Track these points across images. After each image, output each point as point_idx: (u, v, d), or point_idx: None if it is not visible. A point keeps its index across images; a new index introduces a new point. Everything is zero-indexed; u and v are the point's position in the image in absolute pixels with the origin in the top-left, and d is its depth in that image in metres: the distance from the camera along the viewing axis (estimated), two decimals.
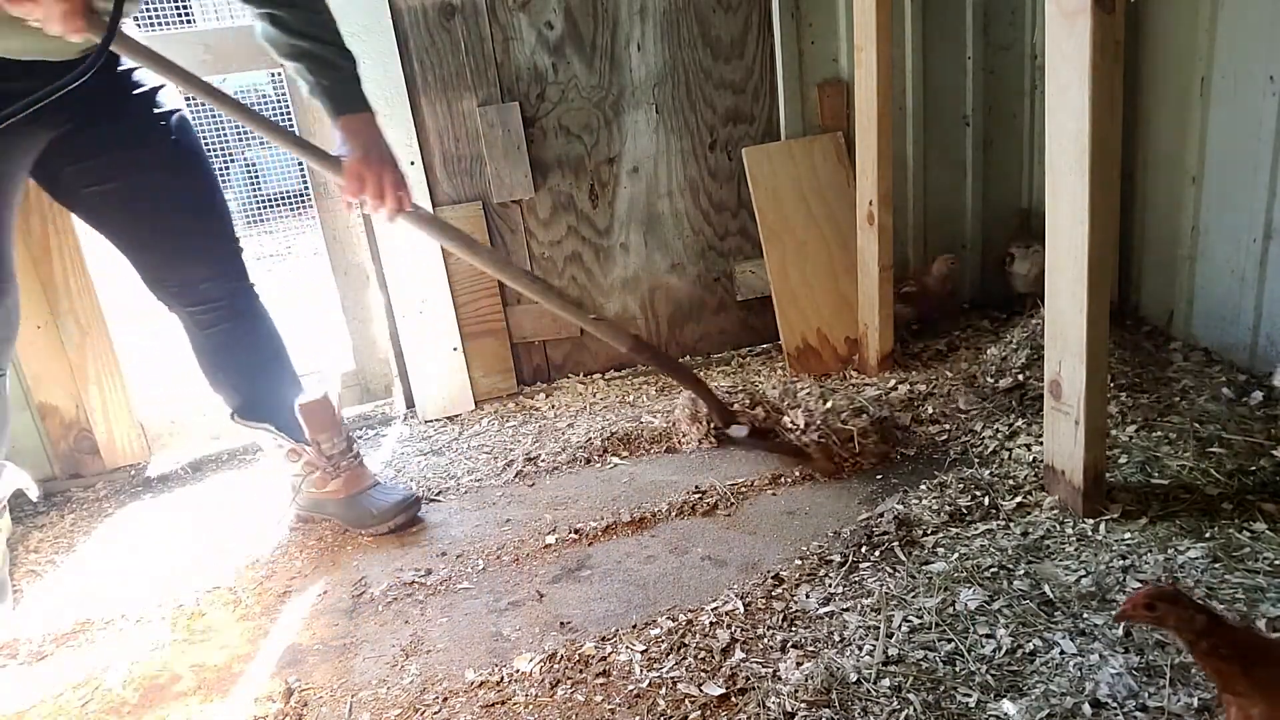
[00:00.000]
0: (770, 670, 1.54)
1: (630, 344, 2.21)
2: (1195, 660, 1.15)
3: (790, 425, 2.24)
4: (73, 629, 1.94)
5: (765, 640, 1.63)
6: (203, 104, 2.02)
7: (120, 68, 1.90)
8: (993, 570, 1.71)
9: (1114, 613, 1.10)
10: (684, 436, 2.43)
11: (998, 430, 2.24)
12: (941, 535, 1.87)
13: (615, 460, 2.42)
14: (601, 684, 1.58)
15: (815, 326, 2.79)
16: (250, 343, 2.15)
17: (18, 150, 1.80)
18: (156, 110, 1.94)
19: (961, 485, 2.03)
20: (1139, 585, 1.61)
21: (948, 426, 2.32)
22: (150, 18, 2.61)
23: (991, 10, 2.82)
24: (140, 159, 1.91)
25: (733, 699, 1.49)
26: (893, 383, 2.58)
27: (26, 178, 1.87)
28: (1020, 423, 2.23)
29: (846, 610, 1.67)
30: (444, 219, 1.95)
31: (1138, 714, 1.34)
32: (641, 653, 1.64)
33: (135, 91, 1.91)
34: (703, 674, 1.56)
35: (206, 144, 2.05)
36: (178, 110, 1.97)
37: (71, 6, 1.55)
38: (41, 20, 1.56)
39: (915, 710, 1.40)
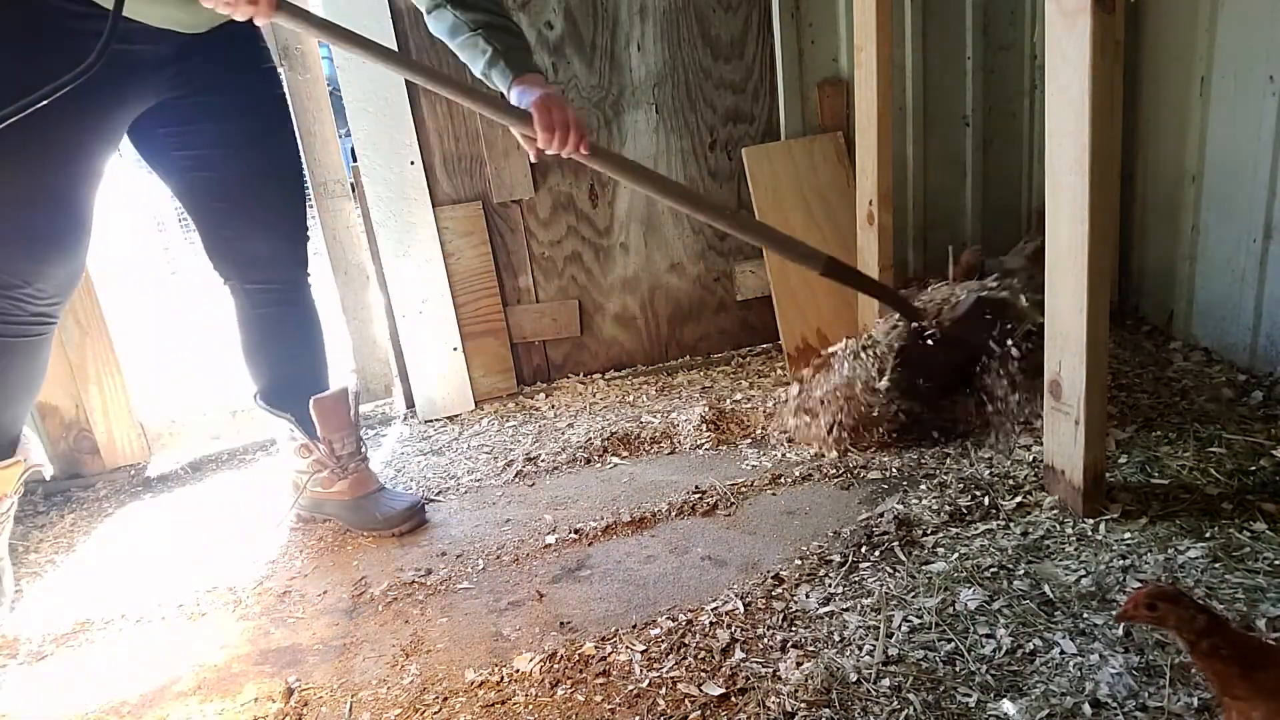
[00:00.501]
0: (770, 670, 1.54)
1: (824, 263, 2.09)
2: (1195, 661, 1.14)
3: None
4: (73, 629, 1.94)
5: (765, 640, 1.63)
6: None
7: (243, 35, 1.88)
8: (993, 570, 1.71)
9: (1115, 613, 1.10)
10: (806, 435, 2.29)
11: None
12: (941, 535, 1.87)
13: (615, 460, 2.42)
14: (601, 684, 1.58)
15: (815, 326, 2.79)
16: (295, 331, 2.16)
17: (123, 108, 1.79)
18: (269, 88, 1.96)
19: (961, 485, 2.03)
20: (1139, 585, 1.61)
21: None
22: None
23: (991, 10, 2.82)
24: (239, 133, 1.91)
25: (733, 699, 1.49)
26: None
27: (122, 134, 1.85)
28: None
29: (846, 610, 1.67)
30: (626, 157, 1.94)
31: (1138, 714, 1.34)
32: (641, 652, 1.64)
33: (251, 66, 1.91)
34: (703, 674, 1.56)
35: None
36: (282, 90, 1.98)
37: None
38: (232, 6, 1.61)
39: (915, 710, 1.40)
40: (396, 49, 2.48)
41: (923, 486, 2.07)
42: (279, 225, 2.05)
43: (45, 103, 1.58)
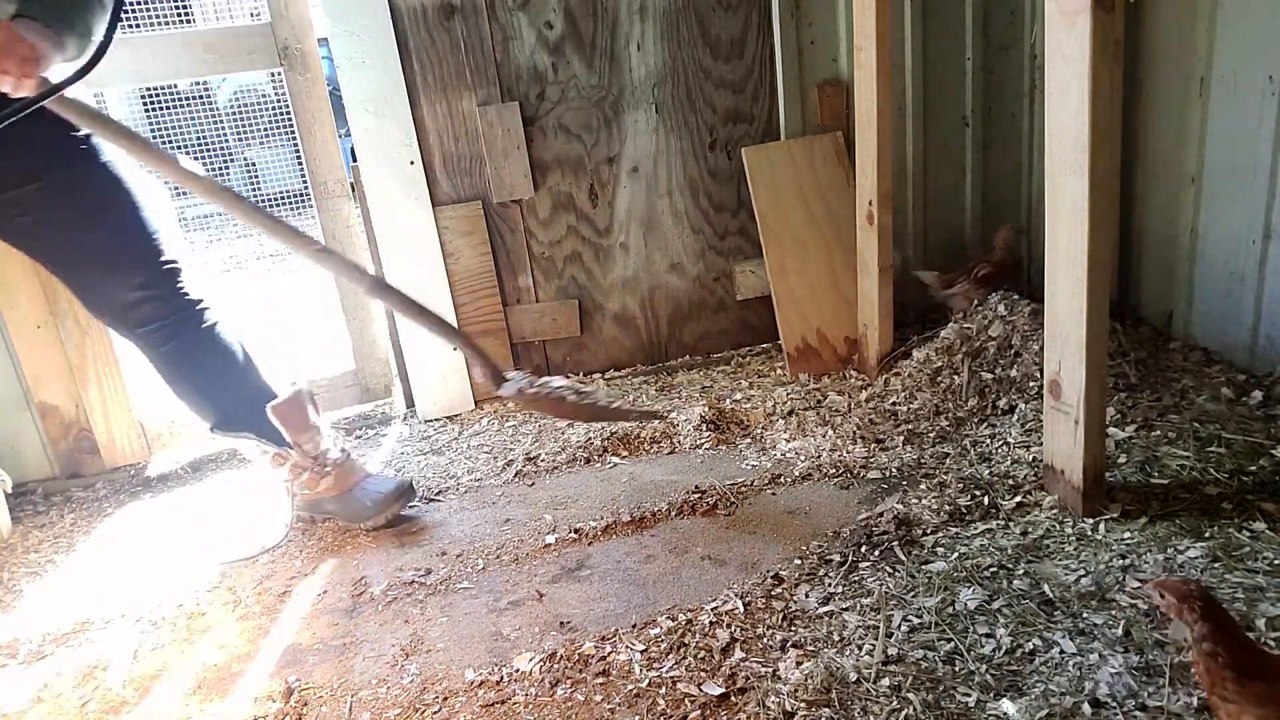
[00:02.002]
0: (770, 670, 1.54)
1: (369, 284, 2.04)
2: (1194, 658, 1.15)
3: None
4: (73, 629, 1.94)
5: (765, 640, 1.63)
6: (199, 104, 2.00)
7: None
8: (992, 570, 1.72)
9: (1150, 581, 1.13)
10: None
11: (997, 430, 2.24)
12: (941, 535, 1.87)
13: (615, 460, 2.42)
14: (601, 683, 1.58)
15: (815, 326, 2.79)
16: (207, 357, 2.11)
17: None
18: (73, 134, 1.89)
19: (961, 485, 2.03)
20: (1138, 585, 1.61)
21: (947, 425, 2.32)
22: (151, 18, 2.61)
23: (991, 10, 2.82)
24: (58, 184, 1.88)
25: (732, 698, 1.49)
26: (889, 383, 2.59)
27: None
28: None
29: (846, 610, 1.67)
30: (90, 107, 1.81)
31: (1137, 713, 1.34)
32: (641, 652, 1.64)
33: (48, 117, 1.82)
34: (702, 673, 1.56)
35: (206, 142, 2.05)
36: (79, 131, 1.91)
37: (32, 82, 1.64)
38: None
39: (915, 710, 1.40)
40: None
41: (922, 486, 2.07)
42: (134, 267, 1.99)
43: (44, 102, 1.58)
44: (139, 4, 2.63)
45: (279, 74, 2.66)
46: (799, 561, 1.86)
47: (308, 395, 2.18)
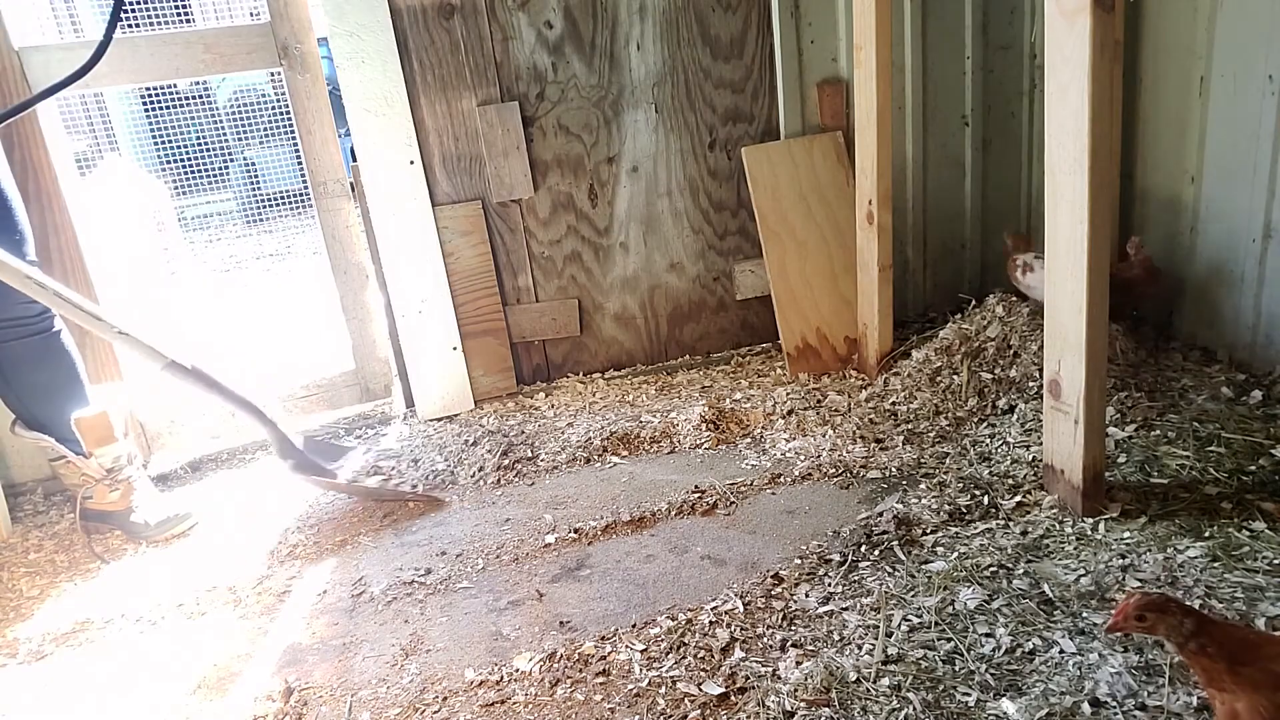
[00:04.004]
0: (770, 669, 1.54)
1: (164, 363, 2.13)
2: (1184, 660, 1.16)
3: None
4: (73, 629, 1.94)
5: (765, 639, 1.63)
6: (199, 104, 2.01)
7: None
8: (992, 569, 1.72)
9: (1105, 624, 1.13)
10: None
11: (997, 430, 2.24)
12: (941, 534, 1.87)
13: (615, 460, 2.43)
14: (601, 683, 1.58)
15: (815, 326, 2.79)
16: (39, 360, 2.20)
17: None
18: None
19: (961, 485, 2.03)
20: (1138, 584, 1.61)
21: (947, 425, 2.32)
22: (150, 17, 2.61)
23: (991, 10, 2.82)
24: None
25: (732, 698, 1.49)
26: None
27: None
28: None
29: (846, 609, 1.67)
30: None
31: (1137, 713, 1.34)
32: (641, 652, 1.64)
33: None
34: (702, 673, 1.56)
35: (204, 142, 2.07)
36: None
37: None
38: None
39: (915, 709, 1.40)
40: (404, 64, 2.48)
41: (922, 486, 2.07)
42: None
43: (43, 101, 1.58)
44: (139, 4, 2.64)
45: (279, 74, 2.66)
46: (799, 561, 1.86)
47: (121, 415, 2.28)
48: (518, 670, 1.63)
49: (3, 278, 1.98)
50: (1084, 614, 1.56)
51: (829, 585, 1.76)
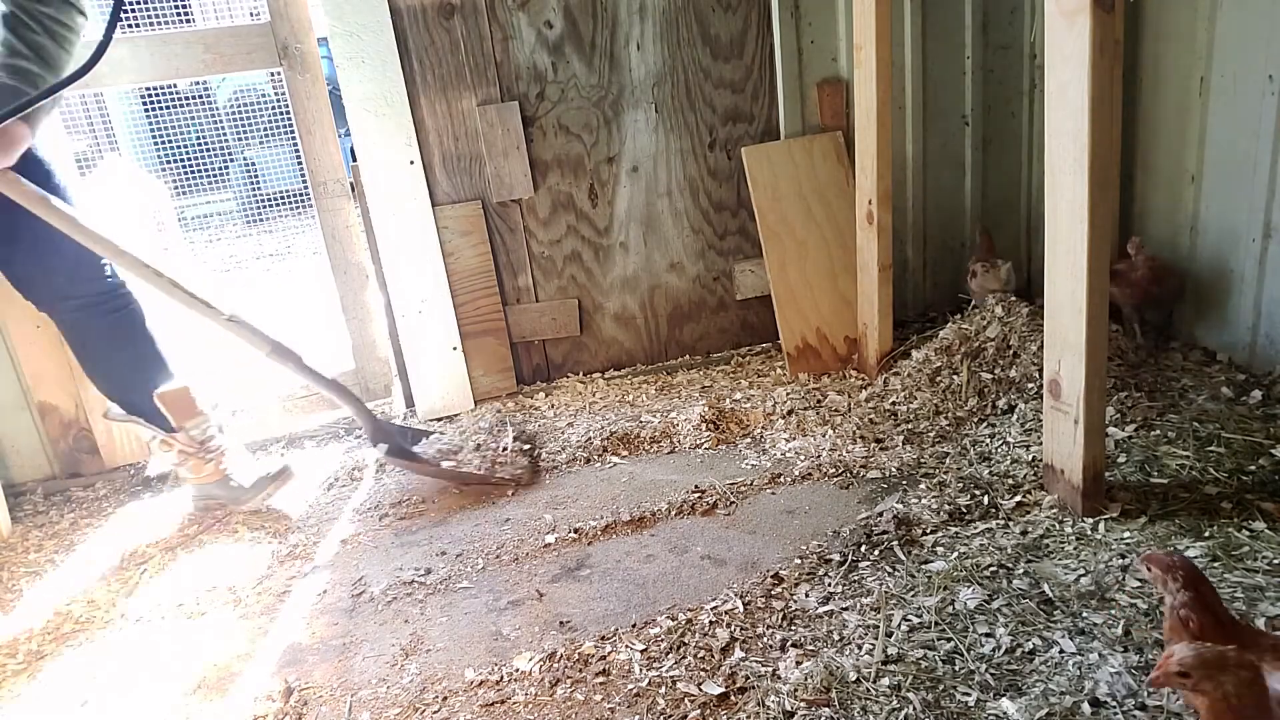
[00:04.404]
0: (770, 669, 1.54)
1: (270, 348, 2.23)
2: (1166, 620, 1.24)
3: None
4: (72, 629, 1.94)
5: (765, 639, 1.63)
6: (199, 104, 2.04)
7: None
8: (992, 569, 1.72)
9: (1148, 678, 1.15)
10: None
11: (997, 430, 2.24)
12: (941, 534, 1.87)
13: (615, 459, 2.42)
14: (601, 683, 1.58)
15: (815, 326, 2.79)
16: (121, 338, 2.22)
17: None
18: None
19: (961, 484, 2.03)
20: (1138, 585, 1.61)
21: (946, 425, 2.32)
22: (150, 18, 2.61)
23: (990, 10, 2.82)
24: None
25: (732, 698, 1.49)
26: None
27: None
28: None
29: (846, 609, 1.67)
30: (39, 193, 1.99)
31: (1136, 713, 1.34)
32: (641, 652, 1.64)
33: None
34: (702, 673, 1.56)
35: (204, 142, 2.08)
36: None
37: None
38: None
39: (915, 709, 1.40)
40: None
41: (922, 486, 2.07)
42: (59, 248, 2.06)
43: (42, 101, 1.58)
44: (139, 4, 2.64)
45: (279, 74, 2.66)
46: (799, 561, 1.86)
47: (200, 389, 2.29)
48: (518, 670, 1.64)
49: (124, 265, 2.04)
50: (1084, 614, 1.56)
51: (829, 585, 1.76)
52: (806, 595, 1.74)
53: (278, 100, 3.03)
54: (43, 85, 1.88)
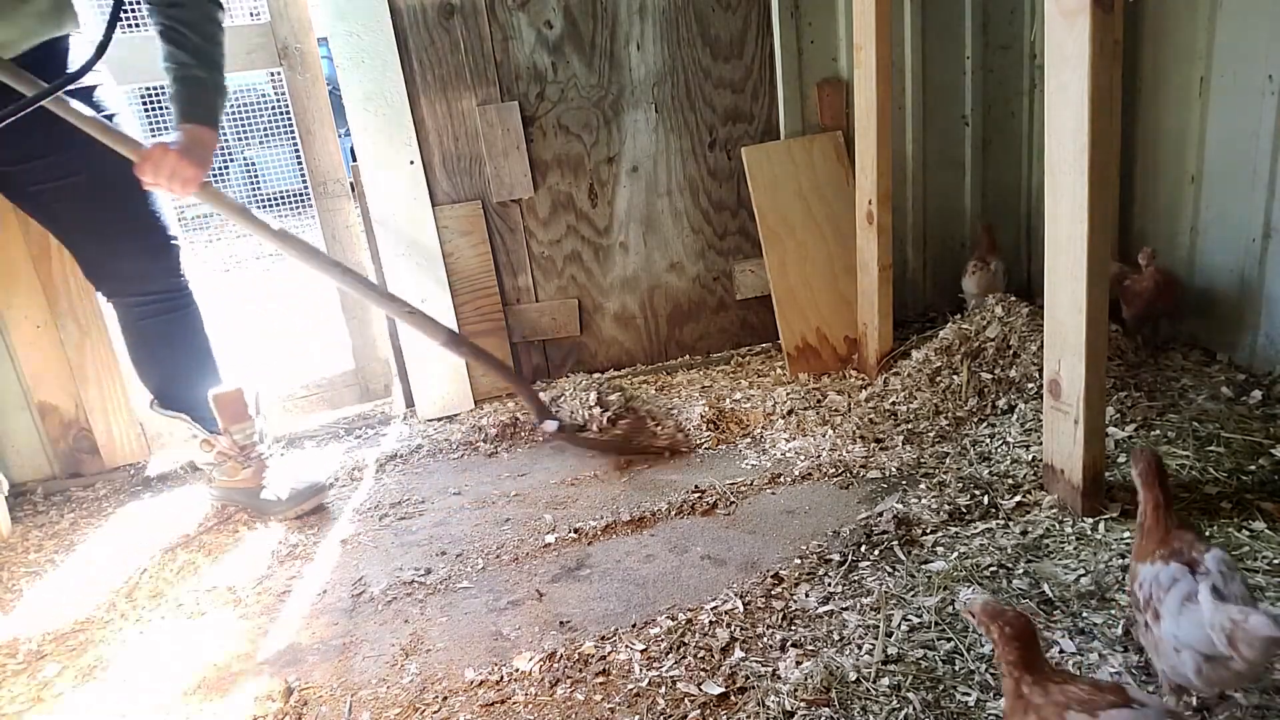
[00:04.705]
0: (770, 669, 1.54)
1: (444, 338, 2.30)
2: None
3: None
4: (72, 628, 1.94)
5: (765, 639, 1.63)
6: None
7: (59, 55, 2.00)
8: (992, 569, 1.72)
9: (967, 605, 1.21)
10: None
11: (996, 430, 2.24)
12: (941, 534, 1.87)
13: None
14: (601, 683, 1.58)
15: (815, 326, 2.79)
16: (179, 336, 2.25)
17: None
18: (98, 112, 2.00)
19: (961, 484, 2.03)
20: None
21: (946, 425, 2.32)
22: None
23: (990, 10, 2.82)
24: (74, 160, 2.00)
25: (732, 698, 1.49)
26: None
27: None
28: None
29: (846, 609, 1.67)
30: (237, 203, 2.11)
31: None
32: (641, 652, 1.64)
33: (75, 93, 1.96)
34: (702, 673, 1.56)
35: None
36: (116, 113, 2.07)
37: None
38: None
39: (915, 709, 1.40)
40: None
41: (922, 486, 2.07)
42: (135, 239, 2.13)
43: (42, 101, 1.58)
44: (139, 4, 2.63)
45: (279, 74, 2.66)
46: (799, 561, 1.86)
47: (252, 394, 2.30)
48: (518, 670, 1.63)
49: (314, 266, 2.16)
50: (1084, 614, 1.56)
51: (829, 585, 1.76)
52: (806, 595, 1.74)
53: (278, 100, 3.03)
54: (211, 84, 1.98)
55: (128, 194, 2.05)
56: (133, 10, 2.50)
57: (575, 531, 2.07)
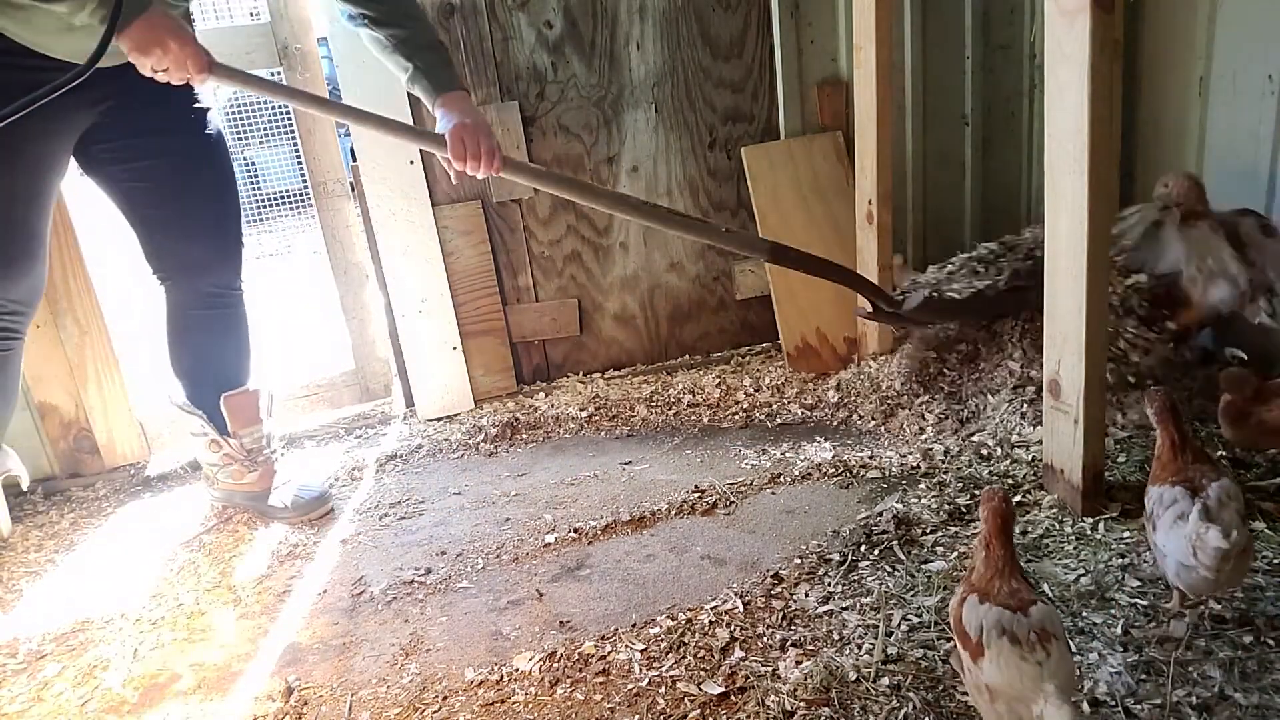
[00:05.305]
0: (770, 669, 1.54)
1: (768, 251, 2.16)
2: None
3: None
4: (72, 628, 1.93)
5: (765, 639, 1.63)
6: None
7: None
8: None
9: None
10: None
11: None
12: (940, 534, 1.87)
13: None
14: (601, 683, 1.58)
15: (814, 326, 2.79)
16: (224, 333, 2.24)
17: (66, 129, 1.91)
18: (193, 104, 2.05)
19: (960, 484, 2.03)
20: (1138, 584, 1.61)
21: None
22: None
23: (990, 10, 2.82)
24: (169, 145, 2.02)
25: (732, 698, 1.49)
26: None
27: (69, 156, 1.97)
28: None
29: (846, 609, 1.67)
30: (538, 167, 2.11)
31: (1137, 712, 1.34)
32: (641, 651, 1.64)
33: (168, 89, 1.98)
34: (702, 673, 1.56)
35: None
36: (210, 107, 2.09)
37: (197, 63, 1.82)
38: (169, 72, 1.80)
39: (915, 708, 1.40)
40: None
41: (922, 485, 2.07)
42: (212, 237, 2.15)
43: (42, 101, 1.58)
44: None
45: (279, 74, 2.66)
46: (798, 560, 1.86)
47: (265, 396, 2.30)
48: (518, 670, 1.63)
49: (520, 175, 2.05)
50: (1084, 614, 1.56)
51: (829, 585, 1.76)
52: (806, 595, 1.74)
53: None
54: (443, 48, 2.04)
55: (225, 186, 2.09)
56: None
57: (575, 531, 2.07)
